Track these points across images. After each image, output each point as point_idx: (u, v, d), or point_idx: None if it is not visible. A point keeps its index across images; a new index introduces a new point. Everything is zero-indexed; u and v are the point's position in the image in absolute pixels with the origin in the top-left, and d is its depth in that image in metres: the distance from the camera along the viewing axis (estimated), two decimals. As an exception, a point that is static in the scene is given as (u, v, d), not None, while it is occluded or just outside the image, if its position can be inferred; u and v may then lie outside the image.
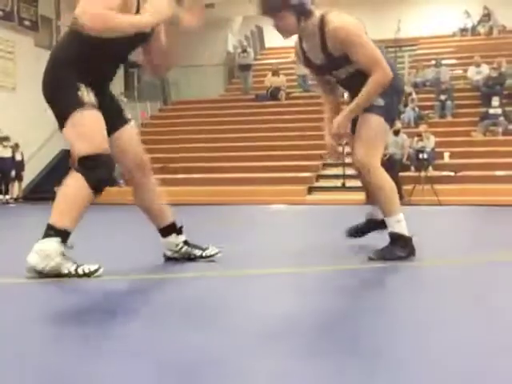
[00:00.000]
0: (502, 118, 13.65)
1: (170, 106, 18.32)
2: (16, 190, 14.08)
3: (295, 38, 3.38)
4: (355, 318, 2.02)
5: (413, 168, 12.49)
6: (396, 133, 13.05)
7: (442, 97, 14.62)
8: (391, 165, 12.05)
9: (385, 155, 12.20)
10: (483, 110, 14.02)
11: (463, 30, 19.15)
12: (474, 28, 19.06)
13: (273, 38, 20.79)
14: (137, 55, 3.11)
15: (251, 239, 4.97)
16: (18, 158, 13.97)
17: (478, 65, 15.31)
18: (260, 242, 4.71)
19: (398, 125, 13.39)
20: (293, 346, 1.64)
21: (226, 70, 19.53)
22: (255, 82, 18.08)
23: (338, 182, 12.94)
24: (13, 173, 13.69)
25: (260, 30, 20.94)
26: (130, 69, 18.58)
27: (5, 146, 13.58)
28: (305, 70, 17.51)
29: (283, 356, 1.54)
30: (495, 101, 13.88)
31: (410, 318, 2.02)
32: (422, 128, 13.04)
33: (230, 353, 1.57)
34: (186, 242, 3.21)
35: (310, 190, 12.96)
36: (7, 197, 13.57)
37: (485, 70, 15.12)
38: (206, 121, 15.84)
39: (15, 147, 13.80)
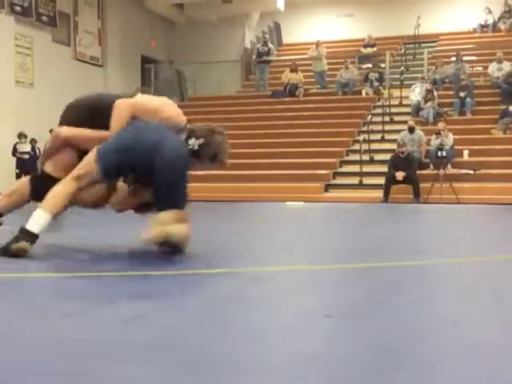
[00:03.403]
0: (522, 116, 13.43)
1: (187, 103, 18.24)
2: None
3: (313, 34, 3.32)
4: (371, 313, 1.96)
5: (431, 166, 12.32)
6: (411, 130, 12.88)
7: (462, 94, 14.41)
8: (409, 163, 11.92)
9: (402, 153, 12.10)
10: (503, 107, 13.81)
11: (484, 27, 18.90)
12: (494, 24, 18.82)
13: (290, 34, 20.69)
14: None
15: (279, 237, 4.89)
16: (37, 153, 14.00)
17: (499, 61, 15.08)
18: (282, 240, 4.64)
19: (411, 122, 13.23)
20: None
21: (243, 66, 19.44)
22: (272, 79, 17.98)
23: (356, 180, 12.84)
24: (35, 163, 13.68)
25: (278, 26, 20.82)
26: (147, 65, 18.60)
27: (23, 142, 13.62)
28: (322, 67, 17.42)
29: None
30: (515, 98, 13.67)
31: (433, 315, 2.05)
32: (441, 125, 12.85)
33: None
34: None
35: (327, 187, 12.86)
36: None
37: (506, 66, 14.90)
38: (223, 117, 15.71)
39: (33, 142, 13.83)
